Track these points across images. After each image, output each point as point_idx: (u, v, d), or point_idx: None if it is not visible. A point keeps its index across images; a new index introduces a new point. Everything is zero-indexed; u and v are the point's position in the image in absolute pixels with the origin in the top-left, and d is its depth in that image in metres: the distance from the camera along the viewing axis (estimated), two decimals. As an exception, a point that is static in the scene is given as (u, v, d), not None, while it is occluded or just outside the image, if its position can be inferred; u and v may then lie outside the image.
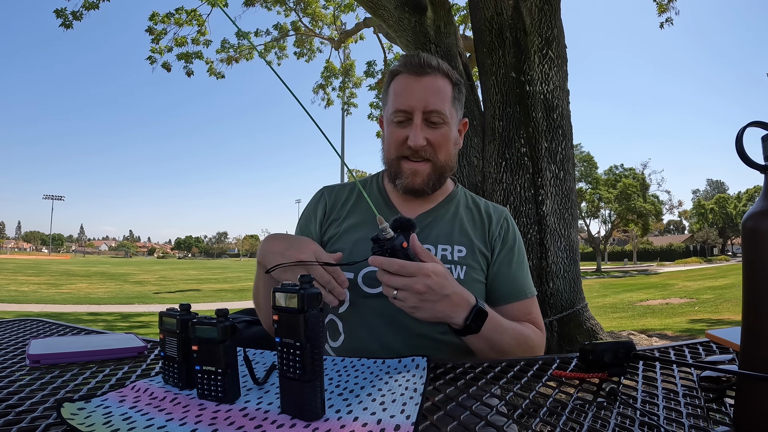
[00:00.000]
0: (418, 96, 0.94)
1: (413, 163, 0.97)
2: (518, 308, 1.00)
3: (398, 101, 0.96)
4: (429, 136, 0.95)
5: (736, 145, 0.51)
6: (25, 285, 15.40)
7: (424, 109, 0.94)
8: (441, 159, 0.98)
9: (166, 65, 8.15)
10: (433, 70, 0.95)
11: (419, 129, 0.94)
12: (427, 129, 0.95)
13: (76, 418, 0.55)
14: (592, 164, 32.34)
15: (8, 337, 1.11)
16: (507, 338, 0.87)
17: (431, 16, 3.59)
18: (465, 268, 0.97)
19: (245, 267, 41.73)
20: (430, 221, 1.02)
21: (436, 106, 0.94)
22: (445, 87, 0.97)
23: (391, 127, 0.98)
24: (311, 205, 1.11)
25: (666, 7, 6.87)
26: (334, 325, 1.00)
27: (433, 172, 0.99)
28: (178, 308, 0.68)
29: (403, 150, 0.96)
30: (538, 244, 3.23)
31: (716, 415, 0.55)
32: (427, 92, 0.94)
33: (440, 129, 0.96)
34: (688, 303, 9.71)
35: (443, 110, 0.95)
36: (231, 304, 10.54)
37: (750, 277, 0.51)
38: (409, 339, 0.93)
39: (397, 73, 0.98)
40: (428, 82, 0.95)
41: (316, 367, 0.53)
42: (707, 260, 39.37)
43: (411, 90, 0.95)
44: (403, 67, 0.97)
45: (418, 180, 0.98)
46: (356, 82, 10.07)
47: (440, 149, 0.97)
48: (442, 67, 0.97)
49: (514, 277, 1.03)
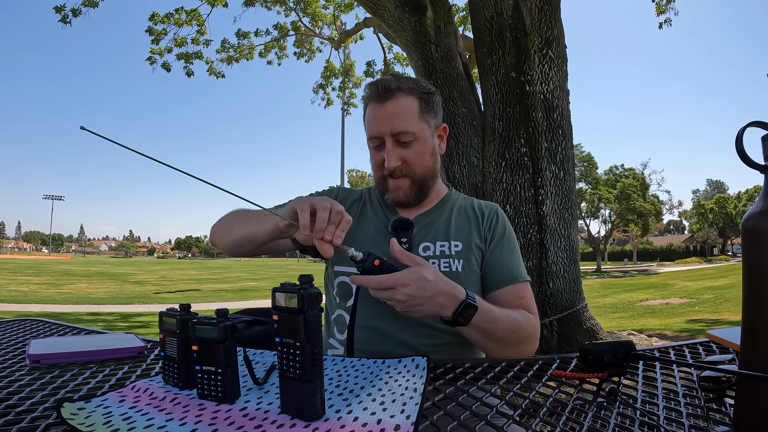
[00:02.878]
0: (384, 122, 1.01)
1: (394, 180, 1.06)
2: (510, 292, 1.03)
3: (370, 130, 1.04)
4: (403, 155, 1.03)
5: (736, 145, 0.51)
6: (25, 285, 15.39)
7: (392, 133, 1.01)
8: (418, 173, 1.05)
9: (166, 65, 8.14)
10: (394, 93, 1.01)
11: (391, 152, 1.01)
12: (399, 149, 1.02)
13: (76, 418, 0.55)
14: (592, 164, 32.34)
15: (8, 337, 1.11)
16: (500, 327, 0.90)
17: (431, 16, 3.59)
18: (462, 261, 1.03)
19: (245, 267, 41.74)
20: (428, 221, 1.09)
21: (402, 128, 1.01)
22: (409, 105, 1.02)
23: (371, 152, 1.08)
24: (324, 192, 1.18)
25: (664, 8, 6.87)
26: (341, 319, 1.04)
27: (413, 185, 1.06)
28: (178, 308, 0.68)
29: (384, 170, 1.05)
30: (538, 244, 3.23)
31: (716, 415, 0.55)
32: (392, 116, 1.01)
33: (412, 146, 1.03)
34: (688, 303, 9.71)
35: (410, 129, 1.01)
36: (231, 304, 10.54)
37: (750, 277, 0.51)
38: (413, 328, 0.98)
39: (367, 103, 1.06)
40: (391, 107, 1.01)
41: (316, 367, 0.53)
42: (707, 260, 39.37)
43: (378, 117, 1.02)
44: (369, 97, 1.05)
45: (401, 194, 1.06)
46: (356, 82, 10.07)
47: (415, 165, 1.04)
48: (404, 86, 1.02)
49: (506, 263, 1.06)
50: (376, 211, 1.13)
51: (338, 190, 1.20)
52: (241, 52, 9.22)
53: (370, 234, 1.08)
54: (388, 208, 1.12)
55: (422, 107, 1.04)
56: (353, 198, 1.17)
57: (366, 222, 1.11)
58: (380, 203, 1.14)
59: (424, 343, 0.98)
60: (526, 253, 3.19)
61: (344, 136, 19.01)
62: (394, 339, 0.98)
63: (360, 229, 1.09)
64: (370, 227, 1.09)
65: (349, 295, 1.03)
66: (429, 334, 0.98)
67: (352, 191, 1.20)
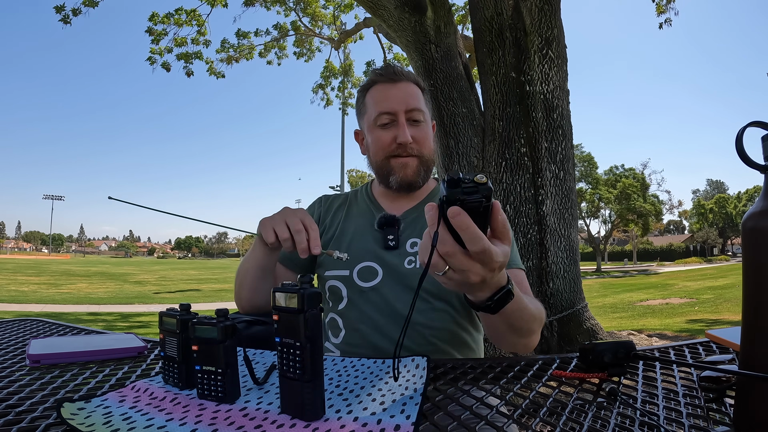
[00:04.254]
0: (398, 98, 1.03)
1: (402, 159, 1.04)
2: None
3: (381, 106, 1.04)
4: (413, 134, 1.04)
5: (736, 145, 0.51)
6: (25, 285, 15.39)
7: (406, 109, 1.03)
8: (426, 153, 1.07)
9: (166, 65, 8.14)
10: (405, 78, 1.06)
11: (405, 127, 1.02)
12: (410, 127, 1.04)
13: (76, 418, 0.55)
14: (592, 164, 32.34)
15: (8, 337, 1.11)
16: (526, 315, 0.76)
17: (431, 16, 3.59)
18: None
19: (245, 267, 41.62)
20: (415, 216, 1.08)
21: (416, 105, 1.04)
22: (417, 91, 1.07)
23: (377, 131, 1.05)
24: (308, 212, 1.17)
25: (664, 8, 6.87)
26: (334, 323, 1.04)
27: (420, 165, 1.06)
28: (178, 308, 0.68)
29: (392, 149, 1.04)
30: (538, 244, 3.23)
31: (716, 415, 0.55)
32: (406, 94, 1.04)
33: (422, 126, 1.06)
34: (688, 303, 9.71)
35: (422, 108, 1.06)
36: (231, 304, 10.51)
37: (750, 277, 0.51)
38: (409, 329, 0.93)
39: (372, 84, 1.08)
40: (404, 87, 1.05)
41: (316, 367, 0.53)
42: (707, 260, 39.37)
43: (390, 94, 1.04)
44: (378, 77, 1.07)
45: (409, 172, 1.05)
46: (355, 82, 10.07)
47: (424, 144, 1.06)
48: (411, 76, 1.08)
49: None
50: (362, 210, 1.13)
51: (320, 202, 1.21)
52: (241, 52, 9.22)
53: (357, 233, 1.08)
54: (374, 205, 1.13)
55: (425, 97, 1.09)
56: (336, 204, 1.19)
57: (351, 222, 1.12)
58: (367, 201, 1.15)
59: (418, 342, 0.97)
60: (526, 254, 3.19)
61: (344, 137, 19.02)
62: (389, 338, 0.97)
63: (346, 230, 1.10)
64: (356, 226, 1.10)
65: (340, 299, 1.03)
66: (423, 335, 0.97)
67: (335, 197, 1.22)
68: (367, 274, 1.01)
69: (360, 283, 1.01)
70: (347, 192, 1.22)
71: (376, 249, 1.03)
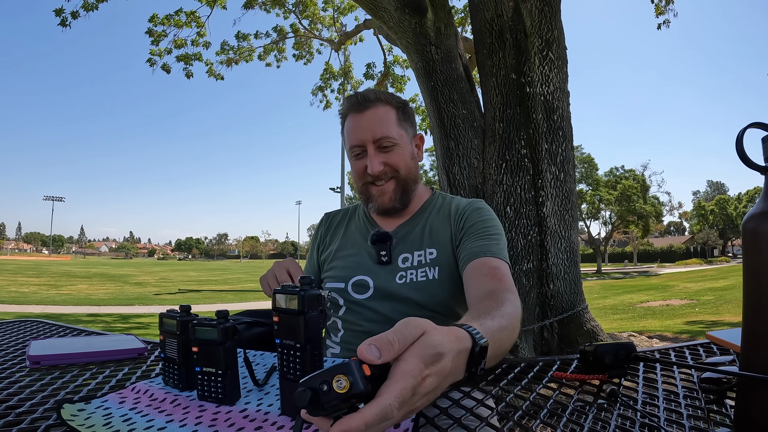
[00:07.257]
0: (365, 129, 1.05)
1: (378, 187, 1.08)
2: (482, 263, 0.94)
3: (351, 139, 1.07)
4: (385, 160, 1.06)
5: (737, 146, 0.51)
6: (26, 286, 15.39)
7: (373, 139, 1.05)
8: (402, 174, 1.08)
9: (166, 67, 8.15)
10: (372, 103, 1.06)
11: (374, 158, 1.05)
12: (381, 154, 1.06)
13: (76, 420, 0.55)
14: (592, 166, 32.33)
15: (8, 338, 1.11)
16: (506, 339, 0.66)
17: (431, 18, 3.60)
18: (437, 267, 1.04)
19: (245, 268, 41.71)
20: (405, 232, 1.11)
21: (383, 133, 1.05)
22: (388, 114, 1.07)
23: (353, 161, 1.10)
24: (314, 234, 1.29)
25: (663, 9, 6.88)
26: (334, 325, 1.11)
27: (397, 187, 1.08)
28: (179, 310, 0.68)
29: (366, 178, 1.08)
30: (538, 245, 3.23)
31: (717, 417, 0.55)
32: (372, 123, 1.05)
33: (393, 151, 1.06)
34: (689, 304, 9.70)
35: (390, 135, 1.05)
36: (231, 306, 10.53)
37: (750, 278, 0.51)
38: None
39: (345, 115, 1.10)
40: (371, 115, 1.06)
41: (316, 369, 0.53)
42: (707, 261, 39.34)
43: (358, 126, 1.06)
44: (348, 109, 1.09)
45: (386, 199, 1.08)
46: (354, 84, 10.08)
47: (398, 165, 1.07)
48: (381, 96, 1.08)
49: (478, 243, 1.00)
50: (359, 226, 1.18)
51: (321, 222, 1.27)
52: (241, 54, 9.23)
53: (353, 248, 1.13)
54: (369, 221, 1.16)
55: (399, 116, 1.08)
56: (336, 221, 1.24)
57: (348, 238, 1.17)
58: (364, 218, 1.19)
59: None
60: (527, 255, 3.19)
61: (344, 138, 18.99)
62: None
63: (343, 245, 1.16)
64: (352, 242, 1.15)
65: (339, 307, 1.09)
66: None
67: (336, 214, 1.27)
68: (360, 287, 1.06)
69: (354, 295, 1.06)
70: (348, 207, 1.28)
71: (370, 264, 1.08)
